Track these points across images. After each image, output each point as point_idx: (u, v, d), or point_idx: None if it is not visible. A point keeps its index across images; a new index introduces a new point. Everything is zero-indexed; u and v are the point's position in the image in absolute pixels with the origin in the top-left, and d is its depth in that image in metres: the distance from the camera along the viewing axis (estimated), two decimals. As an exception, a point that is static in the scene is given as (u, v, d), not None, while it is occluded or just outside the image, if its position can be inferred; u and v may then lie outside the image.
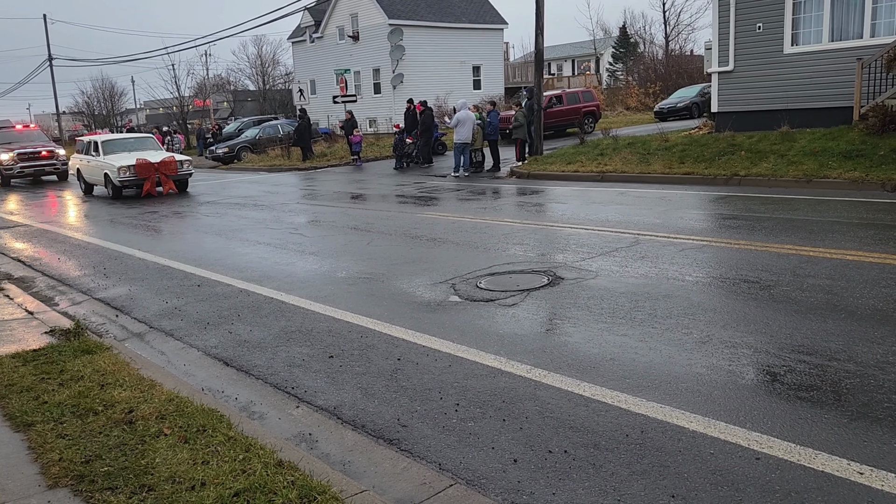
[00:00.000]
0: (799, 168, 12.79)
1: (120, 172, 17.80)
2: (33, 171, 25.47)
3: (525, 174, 17.36)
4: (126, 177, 17.92)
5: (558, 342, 5.35)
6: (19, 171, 25.06)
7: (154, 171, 18.20)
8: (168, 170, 18.53)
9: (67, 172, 25.26)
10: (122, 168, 17.83)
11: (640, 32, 58.13)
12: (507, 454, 3.75)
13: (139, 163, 18.02)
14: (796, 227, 8.82)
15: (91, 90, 72.37)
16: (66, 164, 25.25)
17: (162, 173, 18.38)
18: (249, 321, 6.52)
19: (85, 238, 12.25)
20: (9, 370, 5.09)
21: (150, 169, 18.13)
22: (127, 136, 22.16)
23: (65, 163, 25.47)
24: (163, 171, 18.39)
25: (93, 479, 3.48)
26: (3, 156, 24.84)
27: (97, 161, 19.07)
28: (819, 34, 15.16)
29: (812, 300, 5.83)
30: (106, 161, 18.55)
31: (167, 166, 18.52)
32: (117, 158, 18.50)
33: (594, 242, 8.74)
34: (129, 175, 17.95)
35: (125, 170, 17.86)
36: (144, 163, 18.08)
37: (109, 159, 18.55)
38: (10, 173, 25.10)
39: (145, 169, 18.07)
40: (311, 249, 9.79)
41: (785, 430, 3.75)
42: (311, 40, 45.62)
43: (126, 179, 17.99)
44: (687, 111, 29.24)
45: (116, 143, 19.91)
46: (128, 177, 17.94)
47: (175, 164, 18.74)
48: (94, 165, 19.32)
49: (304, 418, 4.47)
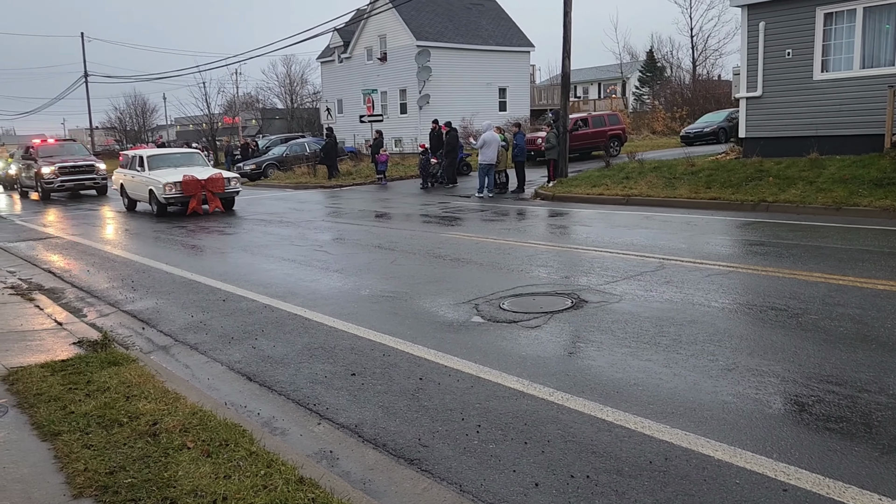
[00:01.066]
0: (828, 195, 12.63)
1: (165, 189, 17.12)
2: (73, 185, 25.06)
3: (549, 196, 17.35)
4: (171, 194, 17.19)
5: (581, 366, 5.31)
6: (59, 185, 24.67)
7: (200, 189, 17.43)
8: (215, 187, 17.70)
9: (107, 187, 25.24)
10: (167, 185, 17.13)
11: (667, 57, 58.05)
12: (529, 478, 3.72)
13: (185, 179, 17.28)
14: (825, 255, 8.70)
15: (124, 106, 74.01)
16: (106, 179, 25.19)
17: (208, 190, 17.58)
18: (273, 337, 6.57)
19: (114, 251, 12.45)
20: (38, 380, 5.17)
21: (196, 186, 17.37)
22: (173, 151, 21.39)
23: (105, 177, 25.31)
24: (209, 188, 17.59)
25: (116, 490, 3.51)
26: (44, 169, 24.56)
27: (142, 176, 18.38)
28: (850, 61, 15.04)
29: (841, 329, 5.74)
30: (151, 177, 17.89)
31: (214, 183, 17.71)
32: (163, 174, 17.79)
33: (619, 266, 8.69)
34: (175, 192, 17.21)
35: (171, 186, 17.15)
36: (191, 179, 17.35)
37: (155, 175, 17.87)
38: (51, 187, 24.67)
39: (192, 186, 17.31)
40: (336, 267, 9.85)
41: (813, 462, 3.68)
42: (339, 60, 46.24)
43: (171, 196, 17.25)
44: (714, 136, 29.08)
45: (162, 159, 19.17)
46: (173, 194, 17.21)
47: (222, 182, 17.93)
48: (138, 181, 18.66)
49: (325, 435, 4.48)
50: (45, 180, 24.43)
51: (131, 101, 73.49)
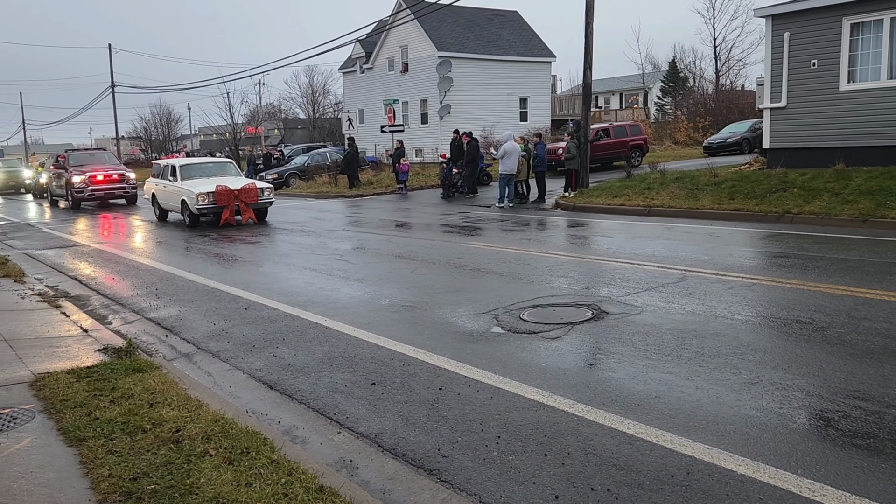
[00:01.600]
0: (854, 207, 12.46)
1: (198, 199, 16.66)
2: (104, 194, 25.12)
3: (570, 206, 17.30)
4: (204, 204, 16.73)
5: (602, 378, 5.28)
6: (90, 194, 24.75)
7: (233, 199, 17.00)
8: (248, 197, 17.23)
9: (137, 196, 25.35)
10: (200, 195, 16.67)
11: (689, 67, 57.74)
12: (549, 490, 3.70)
13: (219, 190, 16.83)
14: (851, 268, 8.58)
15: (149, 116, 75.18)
16: (136, 188, 25.42)
17: (241, 201, 17.12)
18: (294, 345, 6.61)
19: (139, 259, 12.61)
20: (64, 386, 5.24)
21: (229, 197, 16.94)
22: (206, 161, 21.04)
23: (134, 186, 25.48)
24: (243, 198, 17.12)
25: (140, 496, 3.55)
26: (75, 178, 24.60)
27: (174, 186, 17.99)
28: (877, 71, 14.86)
29: (868, 344, 5.65)
30: (183, 187, 17.45)
31: (247, 194, 17.23)
32: (196, 184, 17.38)
33: (640, 277, 8.64)
34: (208, 202, 16.76)
35: (204, 197, 16.70)
36: (224, 190, 16.90)
37: (187, 185, 17.44)
38: (81, 196, 24.73)
39: (225, 196, 16.88)
40: (356, 276, 9.90)
41: (839, 479, 3.62)
42: (361, 71, 46.60)
43: (204, 207, 16.77)
44: (737, 147, 28.85)
45: (195, 168, 18.76)
46: (206, 204, 16.74)
47: (256, 192, 17.40)
48: (170, 191, 18.30)
49: (345, 444, 4.49)
50: (76, 189, 24.56)
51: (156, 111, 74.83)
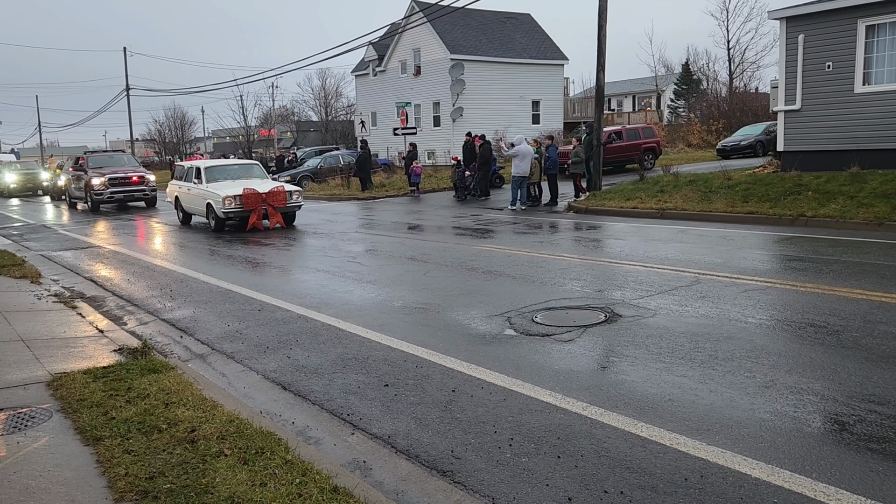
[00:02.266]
0: (870, 210, 12.36)
1: (224, 203, 15.97)
2: (123, 196, 24.72)
3: (583, 209, 17.27)
4: (231, 208, 16.07)
5: (615, 380, 5.27)
6: (109, 197, 24.31)
7: (261, 203, 16.34)
8: (276, 201, 16.54)
9: (156, 199, 25.32)
10: (227, 198, 15.99)
11: (703, 69, 57.48)
12: (562, 492, 3.70)
13: (246, 193, 16.15)
14: (866, 272, 8.51)
15: (163, 119, 75.67)
16: (155, 191, 25.30)
17: (269, 205, 16.44)
18: (307, 347, 6.64)
19: (154, 261, 12.71)
20: (80, 386, 5.30)
21: (257, 200, 16.27)
22: (232, 163, 20.35)
23: (154, 189, 25.29)
24: (270, 202, 16.44)
25: (156, 495, 3.59)
26: (94, 180, 24.17)
27: (199, 189, 17.28)
28: (893, 74, 14.76)
29: (884, 348, 5.61)
30: (209, 190, 16.77)
31: (275, 197, 16.55)
32: (221, 187, 16.67)
33: (653, 280, 8.61)
34: (235, 206, 16.09)
35: (230, 200, 16.03)
36: (252, 193, 16.21)
37: (213, 188, 16.73)
38: (100, 198, 24.30)
39: (252, 200, 16.21)
40: (369, 278, 9.93)
41: (855, 483, 3.60)
42: (373, 73, 46.74)
43: (231, 211, 16.13)
44: (751, 149, 28.68)
45: (220, 170, 18.01)
46: (233, 208, 16.08)
47: (284, 195, 16.74)
48: (194, 194, 17.60)
49: (358, 445, 4.51)
50: (95, 191, 24.20)
51: (170, 113, 75.19)
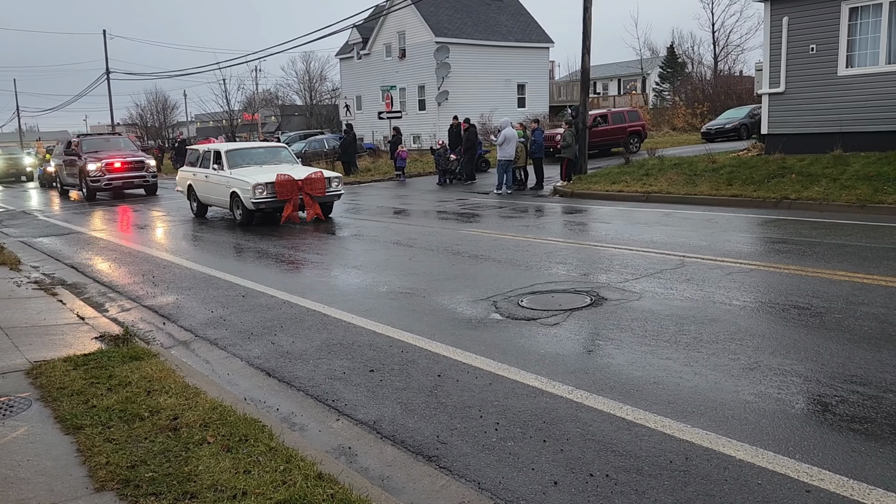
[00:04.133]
0: (852, 192, 12.45)
1: (255, 192, 13.73)
2: (122, 183, 22.78)
3: (568, 193, 17.27)
4: (263, 197, 13.81)
5: (601, 364, 5.28)
6: (106, 184, 22.35)
7: (297, 191, 14.14)
8: (314, 189, 14.32)
9: (157, 186, 23.88)
10: (258, 186, 13.74)
11: (688, 53, 57.48)
12: (548, 476, 3.70)
13: (280, 180, 13.88)
14: (849, 253, 8.58)
15: (145, 103, 74.82)
16: (156, 177, 23.85)
17: (307, 193, 14.25)
18: (292, 333, 6.60)
19: (135, 247, 12.58)
20: (60, 374, 5.23)
21: (293, 188, 14.03)
22: (257, 146, 17.30)
23: (155, 175, 23.65)
24: (307, 190, 14.24)
25: (138, 483, 3.55)
26: (90, 166, 22.16)
27: (220, 176, 15.00)
28: (875, 56, 14.79)
29: (866, 329, 5.65)
30: (234, 176, 14.49)
31: (313, 184, 14.32)
32: (248, 173, 14.45)
33: (638, 263, 8.63)
34: (267, 195, 13.85)
35: (262, 188, 13.78)
36: (287, 180, 13.96)
37: (239, 174, 14.50)
38: (97, 185, 22.30)
39: (288, 188, 13.96)
40: (354, 263, 9.87)
41: (837, 463, 3.62)
42: (358, 57, 46.36)
43: (263, 200, 13.85)
44: (735, 132, 28.79)
45: (244, 154, 15.67)
46: (264, 197, 13.82)
47: (323, 182, 14.46)
48: (214, 182, 15.30)
49: (344, 431, 4.49)
50: (91, 178, 22.21)
51: (152, 97, 74.36)
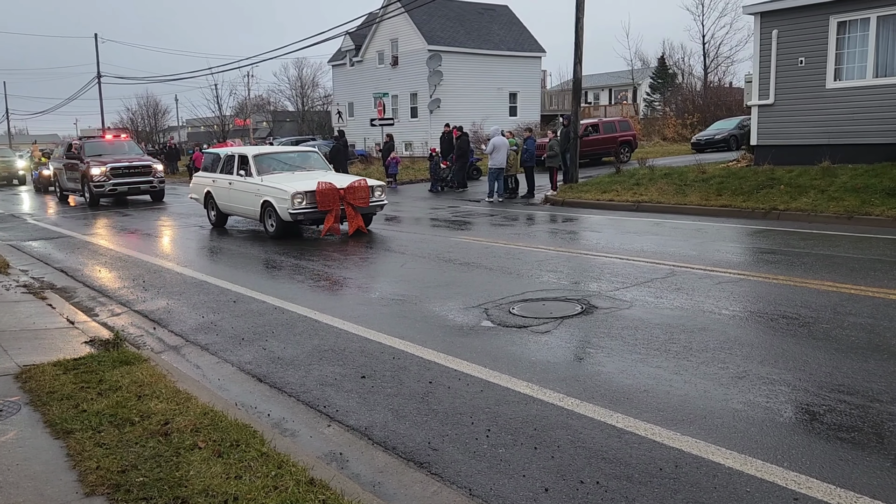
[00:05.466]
0: (840, 204, 12.57)
1: (294, 201, 12.29)
2: (127, 188, 21.37)
3: (559, 201, 17.35)
4: (301, 207, 12.38)
5: (591, 371, 5.30)
6: (111, 189, 21.05)
7: (339, 201, 12.72)
8: (357, 198, 12.92)
9: (164, 192, 22.53)
10: (297, 195, 12.32)
11: (678, 63, 57.88)
12: (539, 483, 3.72)
13: (322, 188, 12.43)
14: (837, 264, 8.66)
15: (136, 107, 74.43)
16: (164, 182, 22.56)
17: (349, 203, 12.85)
18: (283, 338, 6.59)
19: (124, 251, 12.52)
20: (50, 378, 5.20)
21: (334, 197, 12.61)
22: (287, 150, 15.94)
23: (162, 180, 22.34)
24: (350, 200, 12.84)
25: (128, 488, 3.54)
26: (93, 170, 20.84)
27: (248, 184, 13.47)
28: (863, 70, 14.98)
29: (853, 339, 5.71)
30: (267, 184, 12.96)
31: (356, 193, 12.90)
32: (282, 180, 13.04)
33: (629, 272, 8.68)
34: (307, 205, 12.44)
35: (301, 197, 12.37)
36: (329, 188, 12.52)
37: (272, 181, 13.02)
38: (101, 191, 20.97)
39: (330, 197, 12.53)
40: (344, 270, 9.87)
41: (825, 472, 3.66)
42: (350, 64, 46.43)
43: (301, 211, 12.41)
44: (725, 143, 28.99)
45: (274, 159, 14.24)
46: (303, 208, 12.41)
47: (367, 191, 13.08)
48: (241, 189, 13.75)
49: (335, 437, 4.49)
50: (95, 183, 20.85)
51: (143, 102, 73.93)
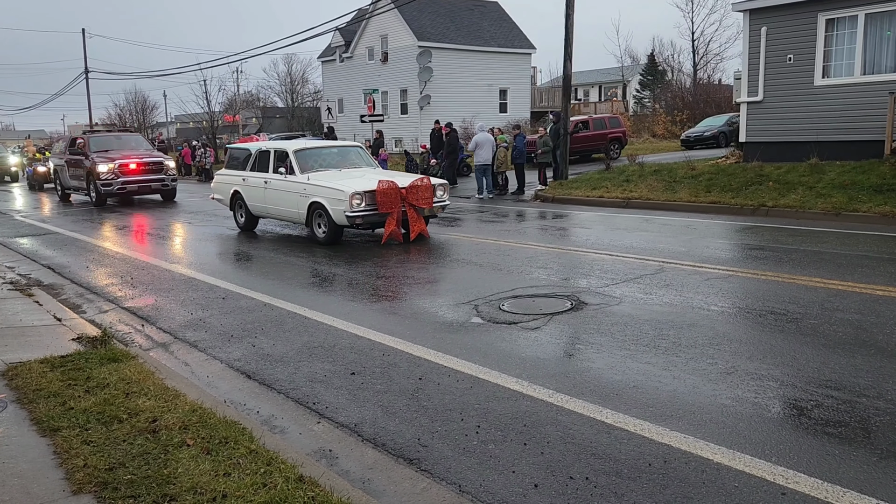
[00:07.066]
0: (828, 201, 12.65)
1: (352, 203, 10.74)
2: (137, 187, 19.81)
3: (549, 198, 17.37)
4: (360, 210, 10.83)
5: (581, 367, 5.32)
6: (120, 188, 19.53)
7: (400, 203, 11.18)
8: (420, 199, 11.31)
9: (176, 190, 21.00)
10: (355, 195, 10.76)
11: (668, 60, 58.13)
12: (528, 479, 3.73)
13: (383, 188, 10.89)
14: (825, 260, 8.72)
15: (124, 103, 73.90)
16: (176, 181, 21.06)
17: (410, 205, 11.23)
18: (272, 335, 6.57)
19: (114, 248, 12.44)
20: (37, 375, 5.16)
21: (395, 198, 11.06)
22: (328, 145, 14.17)
23: (175, 178, 20.75)
24: (412, 201, 11.23)
25: (116, 486, 3.52)
26: (100, 167, 19.32)
27: (292, 183, 11.86)
28: (851, 67, 15.07)
29: (840, 335, 5.75)
30: (316, 183, 11.39)
31: (419, 193, 11.29)
32: (332, 179, 11.52)
33: (618, 269, 8.70)
34: (366, 206, 10.89)
35: (359, 198, 10.81)
36: (390, 187, 10.97)
37: (322, 180, 11.45)
38: (109, 190, 19.45)
39: (391, 198, 10.99)
40: (333, 266, 9.84)
41: (812, 466, 3.69)
42: (340, 60, 46.28)
43: (360, 214, 10.84)
44: (714, 140, 29.10)
45: (316, 156, 12.63)
46: (362, 210, 10.87)
47: (430, 191, 11.49)
48: (281, 189, 12.15)
49: (324, 434, 4.48)
50: (102, 181, 19.31)
51: (131, 97, 73.33)
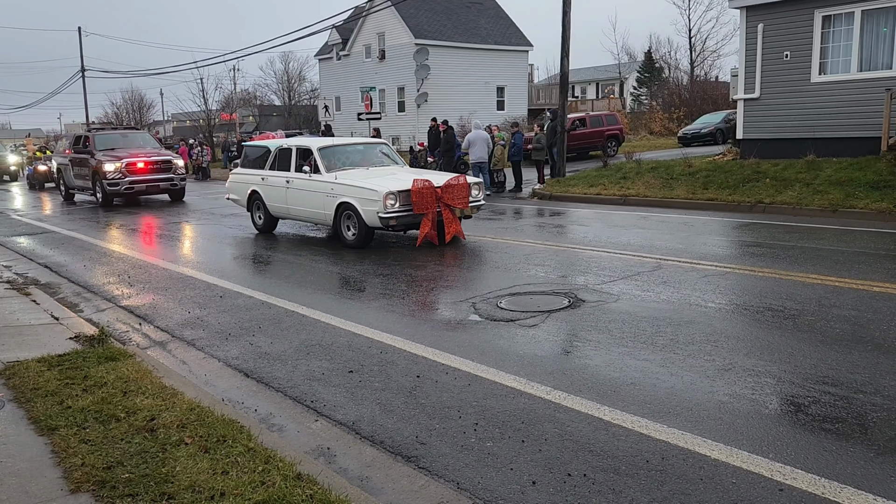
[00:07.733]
0: (825, 197, 12.67)
1: (386, 203, 10.17)
2: (146, 186, 19.22)
3: (547, 196, 17.37)
4: (394, 211, 10.25)
5: (578, 365, 5.32)
6: (127, 188, 18.95)
7: (436, 203, 10.58)
8: (456, 199, 10.75)
9: (184, 190, 20.48)
10: (388, 195, 10.19)
11: (665, 58, 58.05)
12: (526, 476, 3.73)
13: (418, 187, 10.33)
14: (822, 257, 8.73)
15: (120, 101, 73.77)
16: (185, 180, 20.58)
17: (446, 205, 10.65)
18: (270, 333, 6.57)
19: (110, 247, 12.43)
20: (34, 374, 5.16)
21: (431, 198, 10.48)
22: (353, 142, 13.45)
23: (184, 178, 20.31)
24: (447, 201, 10.66)
25: (114, 485, 3.51)
26: (107, 166, 18.74)
27: (318, 182, 11.26)
28: (847, 64, 15.08)
29: (837, 331, 5.76)
30: (345, 182, 10.82)
31: (455, 193, 10.73)
32: (362, 178, 10.96)
33: (616, 266, 8.71)
34: (401, 207, 10.33)
35: (393, 198, 10.24)
36: (427, 187, 10.40)
37: (350, 179, 10.89)
38: (115, 189, 18.86)
39: (427, 198, 10.42)
40: (330, 264, 9.84)
41: (809, 462, 3.70)
42: (337, 58, 46.22)
43: (394, 215, 10.25)
44: (711, 137, 29.12)
45: (341, 153, 12.00)
46: (396, 211, 10.27)
47: (466, 190, 10.91)
48: (306, 189, 11.55)
49: (322, 432, 4.48)
50: (109, 180, 18.71)
51: (128, 96, 73.29)
